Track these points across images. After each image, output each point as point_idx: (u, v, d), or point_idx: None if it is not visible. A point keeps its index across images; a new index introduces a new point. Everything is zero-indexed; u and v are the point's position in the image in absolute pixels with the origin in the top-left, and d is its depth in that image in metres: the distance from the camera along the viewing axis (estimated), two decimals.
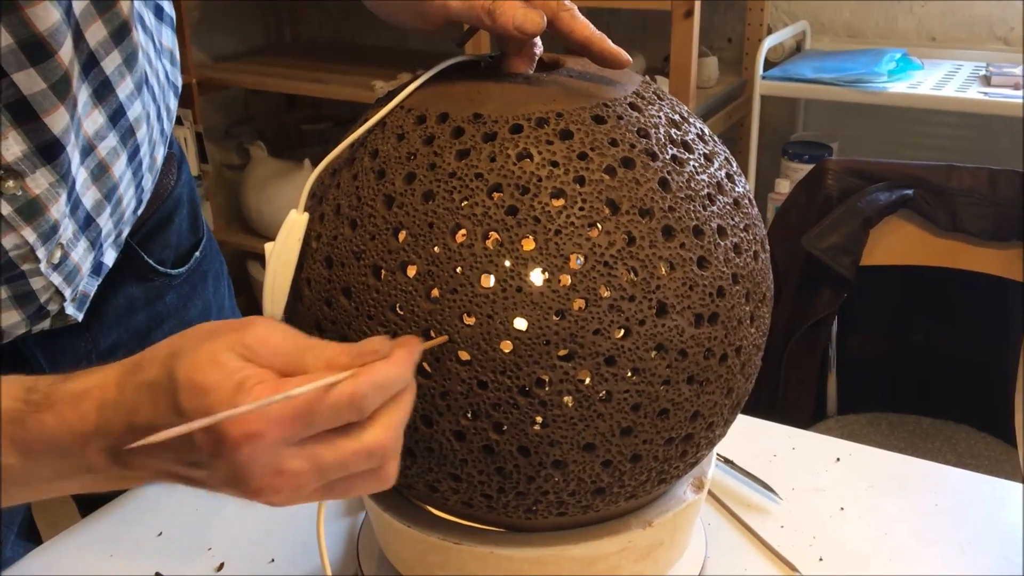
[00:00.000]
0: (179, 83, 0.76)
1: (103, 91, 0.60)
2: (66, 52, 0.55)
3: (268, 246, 0.53)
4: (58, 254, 0.61)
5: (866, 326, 1.45)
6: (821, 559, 0.69)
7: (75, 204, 0.61)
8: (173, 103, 0.75)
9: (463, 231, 0.49)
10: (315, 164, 2.29)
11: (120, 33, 0.60)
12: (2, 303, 0.61)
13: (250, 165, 2.55)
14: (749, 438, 0.83)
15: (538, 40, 0.58)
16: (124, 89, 0.62)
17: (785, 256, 1.34)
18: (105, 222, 0.66)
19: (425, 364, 0.49)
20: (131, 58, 0.62)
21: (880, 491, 0.77)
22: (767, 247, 0.57)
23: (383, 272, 0.50)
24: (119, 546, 0.74)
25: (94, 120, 0.60)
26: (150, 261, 0.77)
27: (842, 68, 1.88)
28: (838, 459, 0.81)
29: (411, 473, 0.53)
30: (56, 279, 0.62)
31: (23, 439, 0.44)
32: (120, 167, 0.65)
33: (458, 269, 0.48)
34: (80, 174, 0.61)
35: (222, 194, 2.60)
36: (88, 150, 0.61)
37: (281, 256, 0.53)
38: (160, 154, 0.73)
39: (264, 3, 2.83)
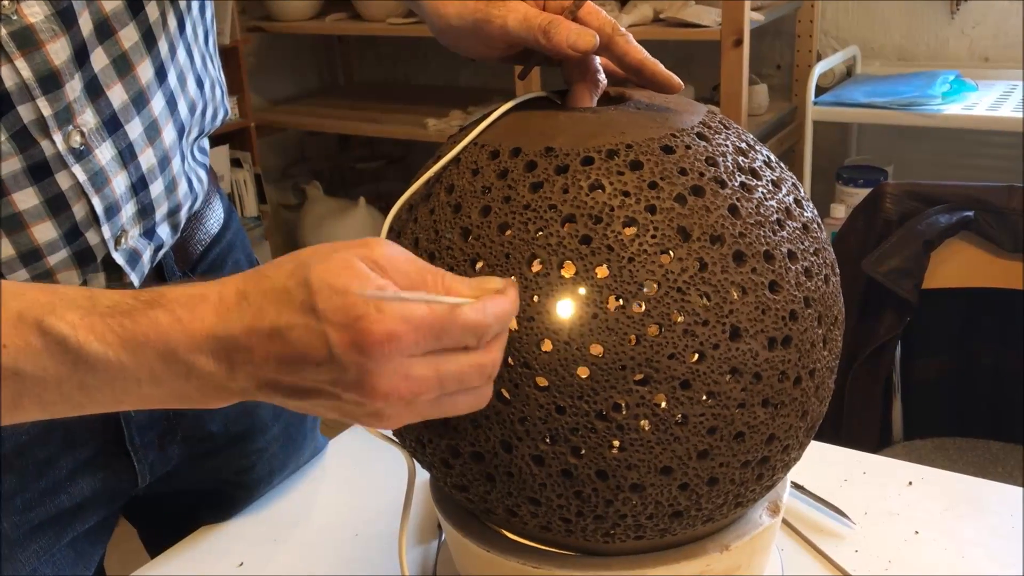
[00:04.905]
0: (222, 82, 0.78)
1: None
2: None
3: None
4: (77, 138, 0.60)
5: (930, 350, 1.43)
6: None
7: (94, 86, 0.61)
8: (212, 91, 0.75)
9: (539, 261, 0.50)
10: (370, 202, 2.35)
11: None
12: (33, 210, 0.60)
13: (307, 204, 2.61)
14: (819, 463, 0.83)
15: (601, 69, 0.60)
16: None
17: (845, 281, 1.33)
18: (139, 138, 0.64)
19: (504, 391, 0.51)
20: None
21: (955, 514, 0.76)
22: (837, 270, 0.58)
23: None
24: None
25: None
26: None
27: (895, 92, 1.88)
28: (910, 483, 0.80)
29: (491, 498, 0.54)
30: (79, 173, 0.61)
31: (130, 332, 0.44)
32: (146, 74, 0.64)
33: (535, 298, 0.50)
34: (98, 55, 0.60)
35: (280, 233, 2.66)
36: (106, 29, 0.60)
37: None
38: (211, 114, 0.73)
39: (318, 47, 2.91)
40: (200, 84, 0.72)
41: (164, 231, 0.72)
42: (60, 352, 0.44)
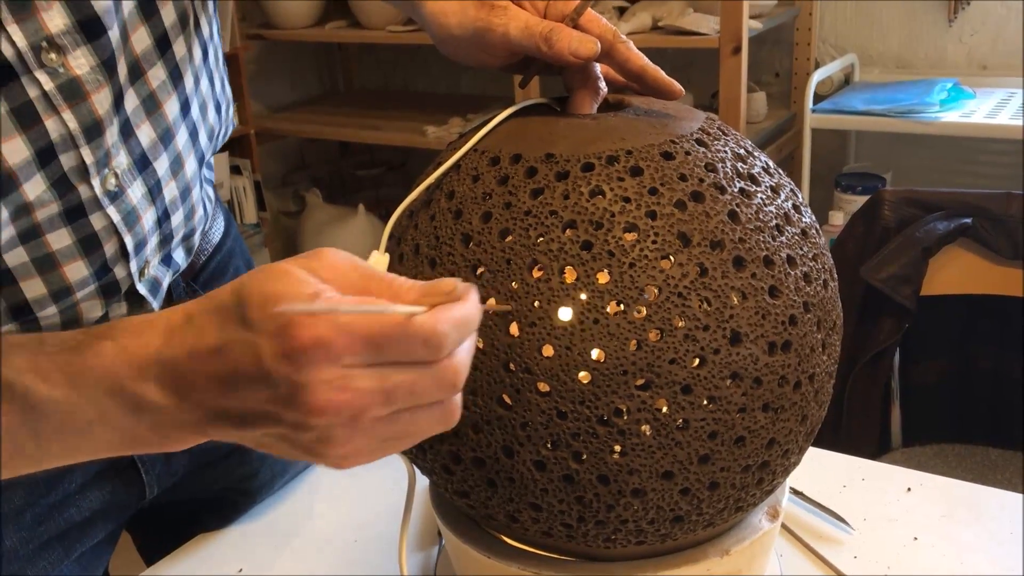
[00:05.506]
0: (231, 108, 0.78)
1: (147, 6, 0.60)
2: None
3: None
4: (112, 181, 0.61)
5: (929, 356, 1.44)
6: None
7: (126, 128, 0.61)
8: (226, 112, 0.76)
9: (540, 266, 0.51)
10: (369, 209, 2.36)
11: None
12: (67, 250, 0.61)
13: (306, 212, 2.61)
14: (818, 469, 0.83)
15: (601, 77, 0.60)
16: (167, 15, 0.62)
17: (844, 287, 1.33)
18: (165, 173, 0.65)
19: (505, 396, 0.51)
20: None
21: (954, 520, 0.76)
22: (835, 276, 0.58)
23: None
24: None
25: (141, 38, 0.61)
26: None
27: (893, 99, 1.89)
28: (909, 489, 0.80)
29: (492, 504, 0.54)
30: (113, 214, 0.62)
31: (76, 367, 0.42)
32: (172, 110, 0.65)
33: (536, 303, 0.50)
34: (130, 96, 0.61)
35: (280, 240, 2.66)
36: (137, 71, 0.61)
37: None
38: (222, 133, 0.74)
39: (318, 54, 2.91)
40: (218, 109, 0.73)
41: (179, 255, 0.72)
42: (8, 400, 0.42)
